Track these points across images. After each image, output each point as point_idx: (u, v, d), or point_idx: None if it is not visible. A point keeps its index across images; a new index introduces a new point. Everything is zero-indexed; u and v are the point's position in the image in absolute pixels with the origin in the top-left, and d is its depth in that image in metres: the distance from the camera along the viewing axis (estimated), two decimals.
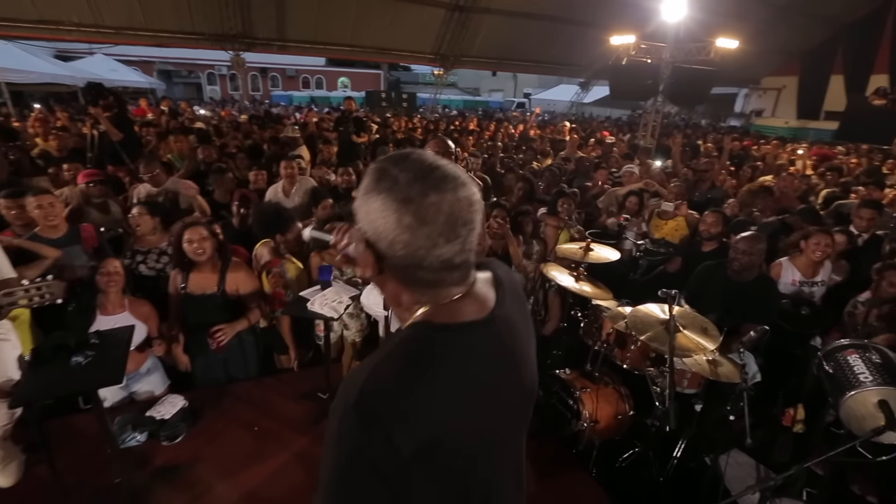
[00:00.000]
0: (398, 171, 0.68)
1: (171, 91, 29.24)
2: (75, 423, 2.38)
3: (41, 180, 4.33)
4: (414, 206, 0.66)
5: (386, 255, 0.70)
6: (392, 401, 0.65)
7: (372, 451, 0.63)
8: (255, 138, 7.40)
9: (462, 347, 0.72)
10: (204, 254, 2.51)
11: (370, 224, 0.69)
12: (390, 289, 0.76)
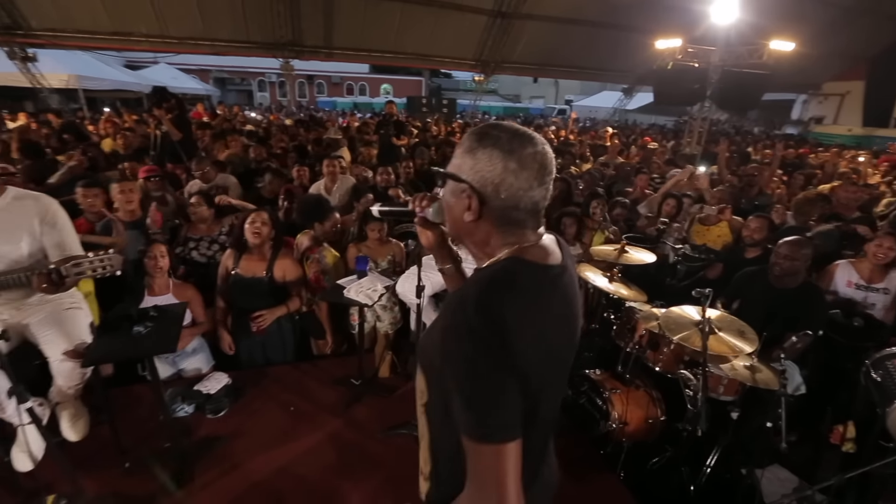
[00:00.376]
0: (497, 132, 0.83)
1: (225, 97, 30.95)
2: (133, 392, 2.59)
3: (112, 175, 4.74)
4: (516, 155, 0.81)
5: (489, 200, 0.82)
6: (502, 308, 0.76)
7: (492, 348, 0.74)
8: (301, 140, 7.74)
9: (546, 282, 0.85)
10: (260, 236, 2.69)
11: (477, 173, 0.82)
12: (482, 233, 0.87)
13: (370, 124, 10.59)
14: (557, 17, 12.60)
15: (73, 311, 1.92)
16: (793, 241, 2.62)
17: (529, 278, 0.82)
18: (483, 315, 0.75)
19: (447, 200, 0.90)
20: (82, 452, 2.07)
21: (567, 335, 0.90)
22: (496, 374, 0.74)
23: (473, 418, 0.75)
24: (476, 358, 0.74)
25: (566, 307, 0.88)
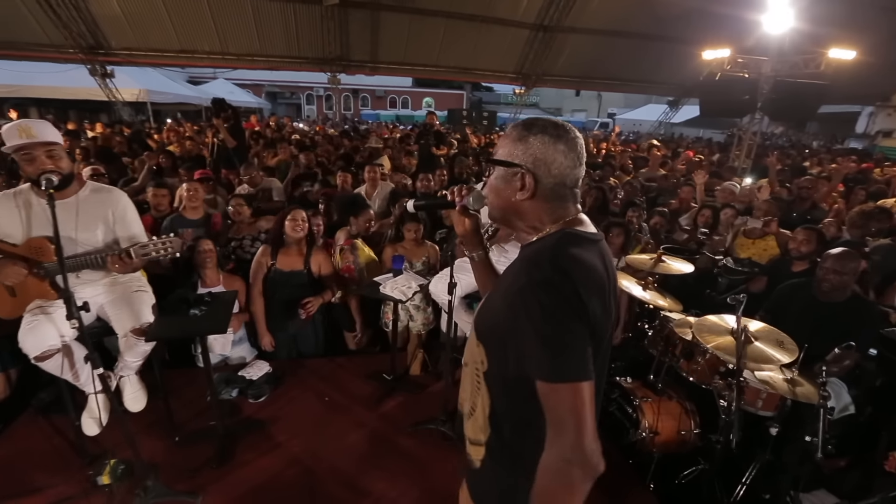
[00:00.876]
0: (541, 122, 0.97)
1: (275, 110, 32.61)
2: (185, 374, 2.81)
3: (173, 182, 5.16)
4: (563, 139, 0.94)
5: (542, 178, 0.95)
6: (572, 266, 0.87)
7: (569, 299, 0.84)
8: (345, 149, 8.08)
9: (594, 249, 0.96)
10: (299, 232, 2.87)
11: (531, 156, 0.95)
12: (534, 210, 0.98)
13: (411, 135, 10.90)
14: (601, 29, 12.55)
15: (140, 293, 2.13)
16: (840, 253, 2.50)
17: (583, 245, 0.94)
18: (558, 271, 0.85)
19: (496, 185, 1.01)
20: (139, 424, 2.27)
21: (610, 299, 0.96)
22: (572, 321, 0.83)
23: (552, 361, 0.83)
24: (554, 307, 0.83)
25: (608, 272, 0.97)
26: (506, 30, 12.40)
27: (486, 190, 1.05)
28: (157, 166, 5.07)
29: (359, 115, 33.20)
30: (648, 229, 4.13)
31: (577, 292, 0.84)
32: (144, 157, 5.41)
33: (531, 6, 11.73)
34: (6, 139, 1.78)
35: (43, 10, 9.41)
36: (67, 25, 9.85)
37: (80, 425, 2.16)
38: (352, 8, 10.93)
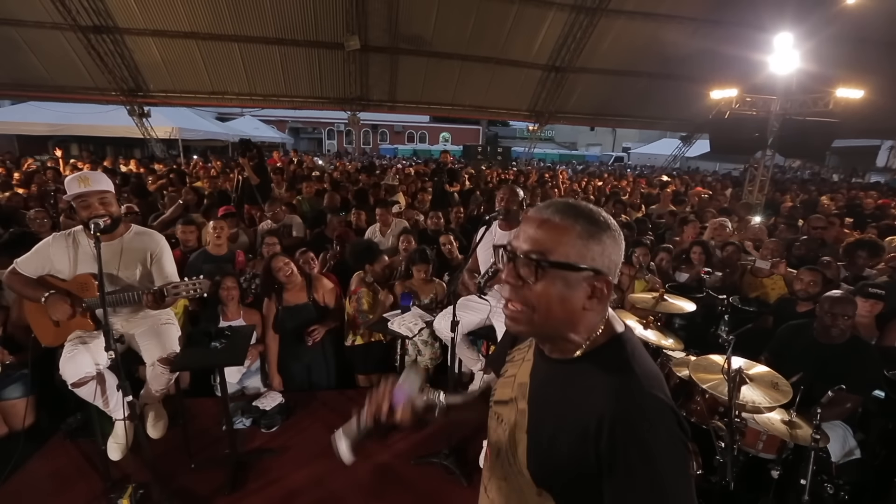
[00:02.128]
0: (605, 216, 0.81)
1: (298, 144, 33.97)
2: (203, 404, 2.96)
3: (198, 218, 5.48)
4: (621, 235, 0.82)
5: (610, 276, 0.80)
6: (664, 391, 0.77)
7: (678, 435, 0.72)
8: (363, 184, 8.41)
9: (641, 347, 0.85)
10: (292, 274, 3.06)
11: (607, 258, 0.79)
12: (593, 319, 0.83)
13: (426, 171, 11.30)
14: (611, 69, 12.96)
15: (168, 326, 2.32)
16: (840, 297, 2.55)
17: (639, 347, 0.83)
18: (666, 409, 0.73)
19: (557, 293, 0.78)
20: (158, 449, 2.41)
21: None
22: (686, 461, 0.73)
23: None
24: (670, 449, 0.71)
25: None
26: (519, 70, 12.92)
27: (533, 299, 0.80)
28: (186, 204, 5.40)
29: (377, 149, 34.27)
30: (654, 267, 4.20)
31: (681, 423, 0.72)
32: (175, 193, 5.77)
33: (543, 49, 12.24)
34: (68, 188, 2.04)
35: (92, 58, 10.27)
36: (112, 71, 10.69)
37: (106, 450, 2.32)
38: (372, 52, 11.60)
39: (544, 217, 0.80)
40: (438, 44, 11.68)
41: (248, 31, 10.64)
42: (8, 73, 10.71)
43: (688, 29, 11.73)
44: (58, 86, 11.09)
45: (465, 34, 11.48)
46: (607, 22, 11.39)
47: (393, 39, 11.41)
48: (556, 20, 11.38)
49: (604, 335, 0.83)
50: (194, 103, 12.96)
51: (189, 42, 10.64)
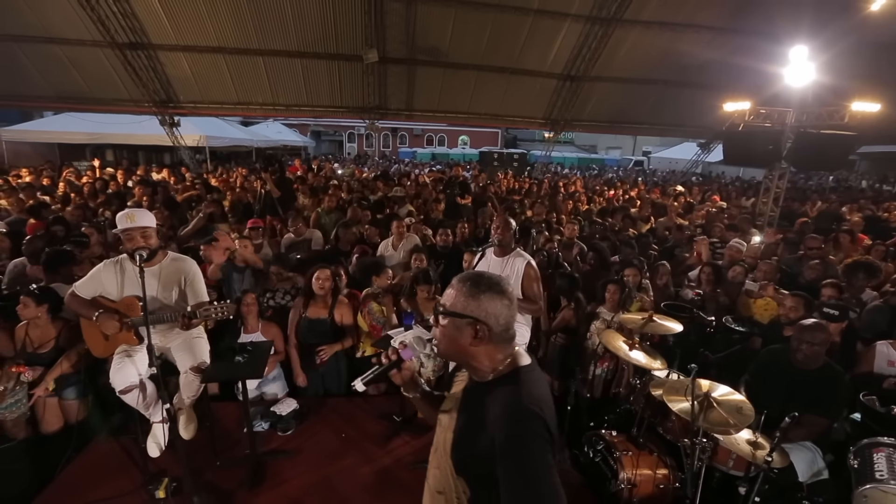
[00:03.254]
0: (487, 280, 1.20)
1: (319, 147, 34.71)
2: (226, 408, 3.30)
3: (223, 226, 5.86)
4: (504, 295, 1.18)
5: (493, 327, 1.17)
6: (540, 406, 1.11)
7: (546, 441, 1.06)
8: (380, 192, 8.72)
9: (539, 378, 1.23)
10: (324, 289, 3.37)
11: (483, 310, 1.16)
12: (485, 353, 1.19)
13: (443, 177, 11.63)
14: (627, 77, 12.99)
15: (199, 340, 2.67)
16: (811, 325, 2.71)
17: (533, 379, 1.19)
18: (533, 417, 1.07)
19: (451, 333, 1.19)
20: (188, 448, 2.75)
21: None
22: (549, 457, 1.05)
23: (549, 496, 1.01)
24: (539, 453, 1.04)
25: (549, 394, 1.23)
26: (534, 80, 13.06)
27: (439, 335, 1.22)
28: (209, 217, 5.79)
29: (396, 153, 34.72)
30: (651, 286, 4.36)
31: (548, 428, 1.07)
32: (201, 206, 6.18)
33: (558, 59, 12.37)
34: (118, 223, 2.40)
35: (127, 72, 10.91)
36: (146, 84, 11.32)
37: (146, 448, 2.67)
38: (390, 64, 11.94)
39: (452, 282, 1.23)
40: (454, 55, 11.94)
41: (271, 45, 11.11)
42: (52, 87, 11.45)
43: (705, 38, 11.72)
44: (96, 98, 11.79)
45: (480, 45, 11.71)
46: (622, 32, 11.46)
47: (410, 51, 11.72)
48: (570, 31, 11.51)
49: (508, 367, 1.21)
50: (221, 113, 13.56)
51: (217, 56, 11.18)
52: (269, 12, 10.30)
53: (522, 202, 8.69)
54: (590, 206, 8.66)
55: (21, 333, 2.97)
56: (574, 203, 8.86)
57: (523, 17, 11.00)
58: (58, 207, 6.48)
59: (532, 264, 2.90)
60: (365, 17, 10.50)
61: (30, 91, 11.62)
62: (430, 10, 10.67)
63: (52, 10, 9.58)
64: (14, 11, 9.60)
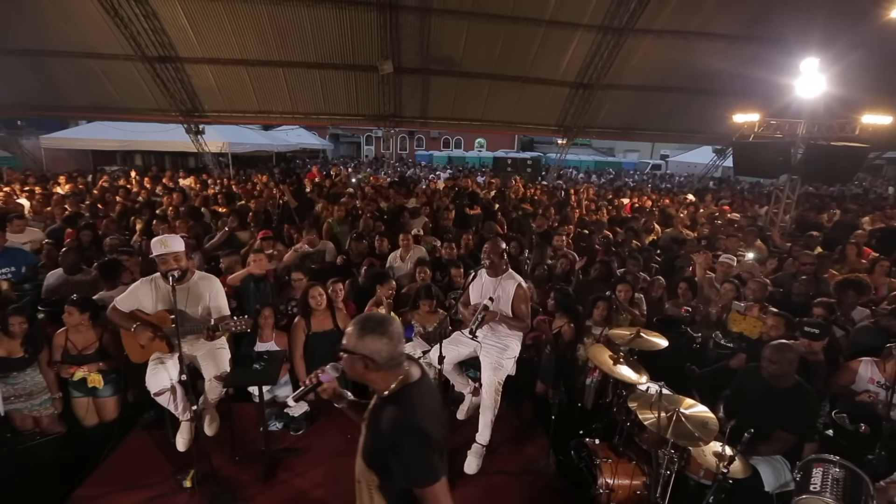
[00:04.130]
0: (372, 323, 1.54)
1: (337, 150, 35.31)
2: (244, 408, 3.64)
3: (243, 235, 6.25)
4: (385, 335, 1.52)
5: (378, 361, 1.51)
6: (419, 420, 1.47)
7: (423, 441, 1.44)
8: (392, 203, 9.00)
9: (422, 390, 1.60)
10: (321, 304, 3.68)
11: (368, 349, 1.51)
12: (379, 376, 1.55)
13: (456, 185, 11.92)
14: (640, 85, 13.06)
15: (221, 350, 3.01)
16: (776, 345, 2.90)
17: (416, 392, 1.56)
18: (410, 421, 1.46)
19: (350, 364, 1.55)
20: (211, 444, 3.10)
21: (440, 413, 1.63)
22: (424, 449, 1.45)
23: (419, 478, 1.44)
24: (414, 445, 1.44)
25: (435, 399, 1.62)
26: (547, 88, 13.24)
27: (345, 365, 1.59)
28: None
29: (413, 155, 35.08)
30: (646, 300, 4.54)
31: (427, 433, 1.45)
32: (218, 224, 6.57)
33: (571, 67, 12.52)
34: (153, 248, 2.76)
35: (156, 84, 11.52)
36: (173, 95, 11.92)
37: (175, 442, 3.02)
38: (405, 73, 12.29)
39: (350, 323, 1.59)
40: (468, 64, 12.21)
41: (291, 57, 11.57)
42: (87, 98, 12.16)
43: (718, 47, 11.72)
44: (126, 108, 12.46)
45: (493, 55, 11.95)
46: (635, 41, 11.55)
47: (424, 61, 12.04)
48: (582, 41, 11.66)
49: (398, 385, 1.56)
50: (243, 121, 14.12)
51: (239, 68, 11.70)
52: (289, 26, 10.76)
53: (535, 211, 8.89)
54: (597, 215, 8.79)
55: (61, 340, 3.36)
56: (580, 213, 9.01)
57: (535, 28, 11.20)
58: (88, 215, 6.94)
59: (522, 285, 3.15)
60: (380, 31, 10.86)
61: (67, 102, 12.38)
62: (444, 22, 10.96)
63: (89, 28, 10.21)
64: (54, 29, 10.26)
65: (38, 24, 10.14)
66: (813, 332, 3.43)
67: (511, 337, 3.21)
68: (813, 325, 3.49)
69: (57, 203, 7.27)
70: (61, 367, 3.27)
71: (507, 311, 3.12)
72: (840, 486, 1.90)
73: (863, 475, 1.95)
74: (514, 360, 3.24)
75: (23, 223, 5.55)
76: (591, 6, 10.71)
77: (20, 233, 5.40)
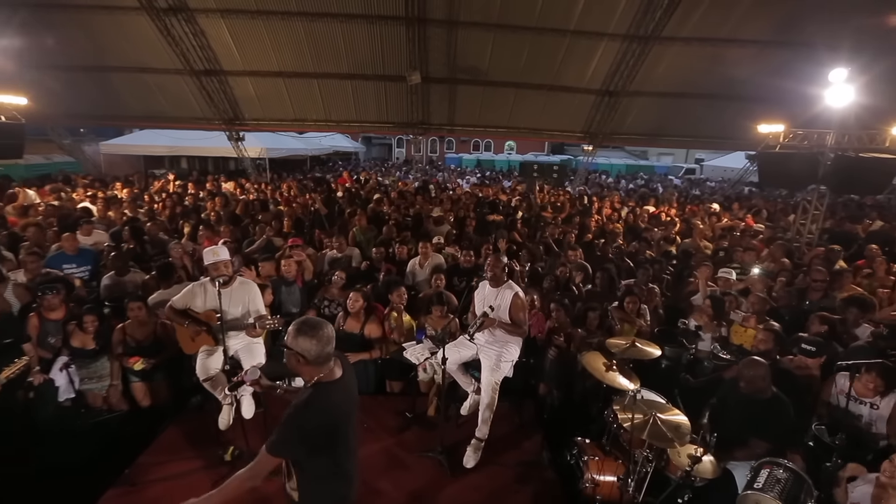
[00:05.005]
0: (305, 326, 1.90)
1: (369, 152, 36.17)
2: (275, 396, 4.13)
3: (278, 240, 6.82)
4: (315, 337, 1.87)
5: (308, 358, 1.87)
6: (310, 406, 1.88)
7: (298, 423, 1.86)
8: (418, 206, 9.43)
9: (337, 387, 1.98)
10: (354, 308, 4.14)
11: (300, 347, 1.86)
12: (307, 370, 1.93)
13: (479, 193, 12.28)
14: (668, 91, 12.99)
15: (258, 345, 3.53)
16: (747, 361, 3.14)
17: (327, 388, 1.93)
18: (303, 409, 1.86)
19: (289, 358, 1.92)
20: (248, 426, 3.59)
21: (352, 404, 2.09)
22: (291, 434, 1.85)
23: (272, 444, 1.86)
24: (287, 426, 1.85)
25: (350, 393, 2.06)
26: (572, 95, 13.36)
27: (286, 357, 1.94)
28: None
29: (443, 158, 35.53)
30: (645, 310, 4.76)
31: (305, 418, 1.83)
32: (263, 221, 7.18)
33: (596, 75, 12.61)
34: (206, 257, 3.29)
35: (202, 95, 12.44)
36: (216, 105, 12.81)
37: (217, 422, 3.54)
38: (432, 83, 12.74)
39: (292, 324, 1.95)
40: (493, 74, 12.51)
41: (325, 69, 12.22)
42: (141, 108, 13.24)
43: (750, 52, 11.59)
44: (175, 116, 13.48)
45: (518, 64, 12.21)
46: (661, 48, 11.55)
47: (451, 71, 12.44)
48: (608, 49, 11.75)
49: (322, 379, 1.94)
50: (280, 128, 14.95)
51: (277, 80, 12.47)
52: (323, 40, 11.40)
53: (555, 219, 9.14)
54: (614, 225, 8.92)
55: (120, 335, 3.96)
56: (600, 221, 9.17)
57: (560, 38, 11.40)
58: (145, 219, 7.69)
59: (519, 295, 3.50)
60: (409, 43, 11.35)
61: (124, 111, 13.50)
62: (470, 34, 11.33)
63: (145, 46, 11.17)
64: (115, 48, 11.30)
65: (102, 44, 11.21)
66: (809, 350, 3.59)
67: (510, 342, 3.56)
68: (810, 343, 3.65)
69: (117, 208, 8.10)
70: (123, 358, 3.87)
71: (505, 318, 3.47)
72: (781, 485, 2.15)
73: (805, 477, 2.19)
74: (511, 363, 3.59)
75: (91, 227, 6.30)
76: (616, 16, 10.82)
77: (88, 235, 6.15)
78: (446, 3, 10.62)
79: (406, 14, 10.72)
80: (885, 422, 3.18)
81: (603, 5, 10.59)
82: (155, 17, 10.38)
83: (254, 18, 10.74)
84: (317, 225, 7.71)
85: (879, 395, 3.19)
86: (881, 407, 3.20)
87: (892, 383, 3.08)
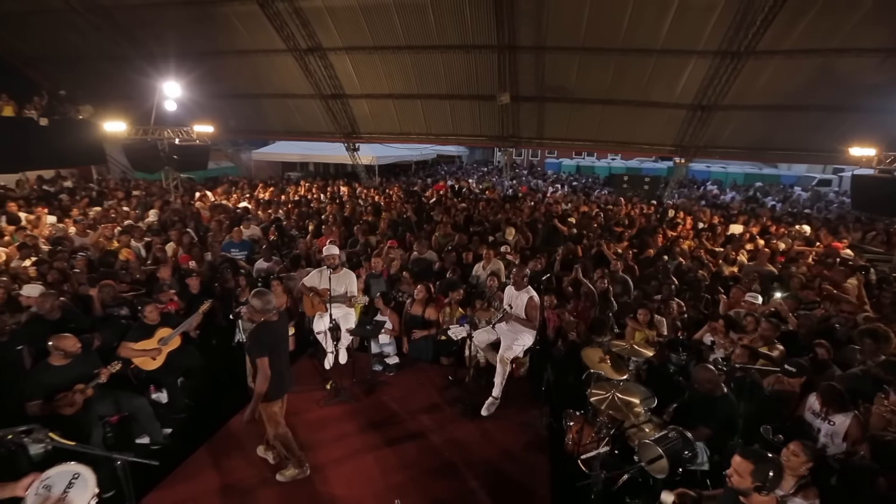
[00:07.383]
0: (260, 293, 3.72)
1: (472, 155, 37.78)
2: (360, 354, 5.86)
3: (373, 239, 8.67)
4: (261, 299, 3.67)
5: (257, 309, 3.64)
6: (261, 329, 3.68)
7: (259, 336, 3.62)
8: (499, 217, 10.72)
9: (270, 325, 3.72)
10: (419, 297, 5.68)
11: (252, 304, 3.69)
12: (257, 316, 3.69)
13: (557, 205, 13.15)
14: (769, 105, 12.45)
15: (350, 315, 5.26)
16: (699, 367, 3.96)
17: (266, 325, 3.66)
18: (256, 331, 3.65)
19: (248, 308, 3.92)
20: (342, 369, 5.32)
21: (281, 335, 3.88)
22: (258, 341, 3.58)
23: (254, 354, 3.59)
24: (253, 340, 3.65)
25: (280, 329, 3.83)
26: (662, 111, 13.43)
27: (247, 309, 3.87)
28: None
29: (543, 164, 35.72)
30: (660, 321, 5.50)
31: (259, 334, 3.59)
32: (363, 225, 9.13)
33: (686, 91, 12.59)
34: (324, 251, 5.09)
35: (328, 113, 15.19)
36: (338, 121, 15.48)
37: (324, 363, 5.35)
38: (522, 101, 13.88)
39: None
40: (580, 92, 13.21)
41: (427, 91, 14.09)
42: (282, 124, 16.52)
43: (871, 61, 10.76)
44: (306, 131, 16.55)
45: (605, 83, 12.75)
46: (758, 63, 11.28)
47: (539, 90, 13.44)
48: (698, 66, 11.76)
49: (264, 319, 3.70)
50: (388, 140, 17.35)
51: (387, 100, 14.68)
52: (426, 68, 13.25)
53: (622, 233, 9.74)
54: (685, 243, 9.21)
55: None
56: (666, 239, 9.54)
57: (646, 58, 11.73)
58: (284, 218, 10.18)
59: (534, 298, 4.70)
60: (500, 68, 12.66)
61: (268, 127, 16.94)
62: (557, 57, 12.25)
63: (288, 77, 14.07)
64: (266, 79, 14.43)
65: (259, 77, 14.40)
66: (789, 371, 4.20)
67: (524, 332, 4.78)
68: (791, 364, 4.26)
69: (264, 208, 10.77)
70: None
71: (520, 314, 4.71)
72: (668, 439, 3.11)
73: (689, 437, 3.12)
74: (523, 347, 4.82)
75: (249, 223, 8.80)
76: (706, 34, 10.89)
77: (247, 229, 8.62)
78: (534, 32, 11.71)
79: (498, 43, 12.05)
80: (840, 436, 3.76)
81: (690, 25, 10.76)
82: (297, 57, 13.16)
83: (371, 53, 12.97)
84: (408, 229, 9.45)
85: (834, 413, 3.77)
86: (836, 423, 3.77)
87: (833, 405, 3.68)
